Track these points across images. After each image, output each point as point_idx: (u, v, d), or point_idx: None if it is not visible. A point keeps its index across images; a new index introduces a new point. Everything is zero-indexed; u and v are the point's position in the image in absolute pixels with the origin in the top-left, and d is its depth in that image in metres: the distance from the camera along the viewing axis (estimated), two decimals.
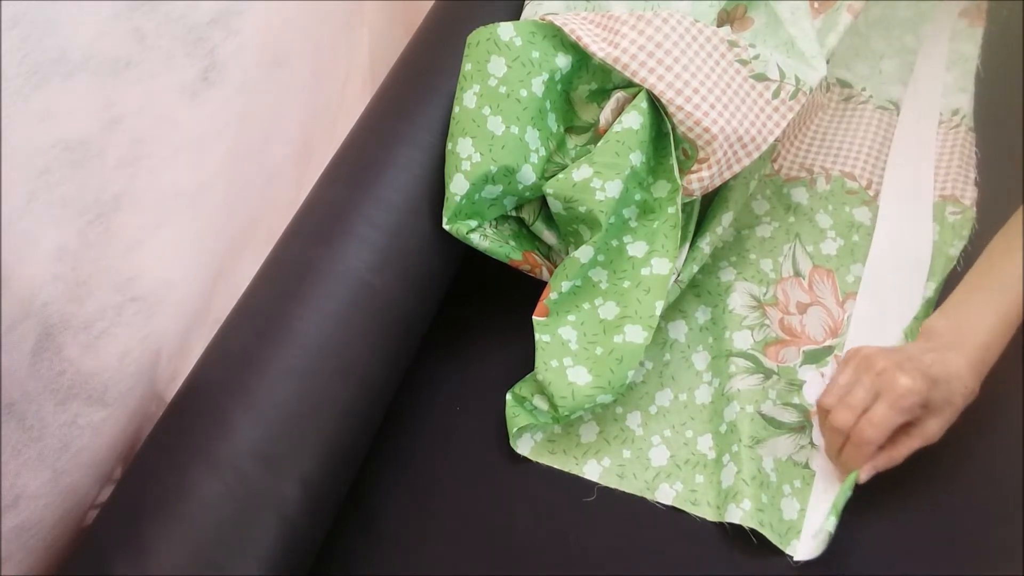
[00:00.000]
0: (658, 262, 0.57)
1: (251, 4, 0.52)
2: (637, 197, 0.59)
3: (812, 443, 0.55)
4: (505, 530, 0.54)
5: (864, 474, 0.49)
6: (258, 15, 0.54)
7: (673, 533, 0.53)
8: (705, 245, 0.62)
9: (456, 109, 0.57)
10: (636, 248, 0.58)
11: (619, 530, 0.54)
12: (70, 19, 0.39)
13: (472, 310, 0.66)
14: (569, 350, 0.56)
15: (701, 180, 0.57)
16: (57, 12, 0.38)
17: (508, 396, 0.58)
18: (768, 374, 0.58)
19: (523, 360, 0.58)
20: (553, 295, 0.57)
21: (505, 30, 0.57)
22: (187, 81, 0.48)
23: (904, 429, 0.49)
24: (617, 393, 0.55)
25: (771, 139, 0.58)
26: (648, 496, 0.54)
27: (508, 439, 0.57)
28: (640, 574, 0.52)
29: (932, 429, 0.49)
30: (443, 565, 0.53)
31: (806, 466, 0.54)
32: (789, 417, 0.56)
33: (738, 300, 0.62)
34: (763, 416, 0.56)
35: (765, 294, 0.63)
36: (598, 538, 0.54)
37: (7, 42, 0.36)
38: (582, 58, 0.59)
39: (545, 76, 0.57)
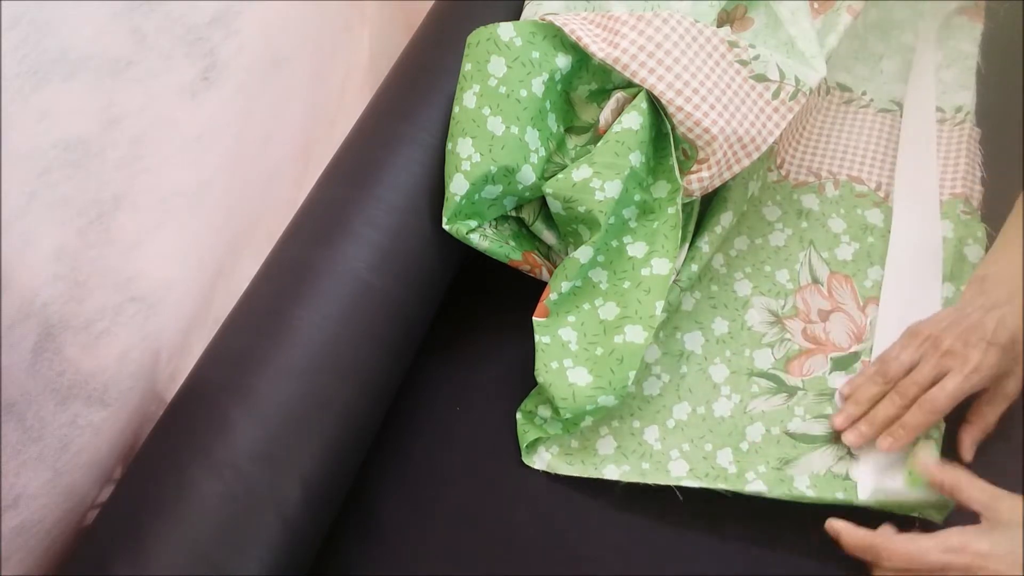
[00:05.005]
0: (658, 262, 0.57)
1: (251, 4, 0.52)
2: (637, 197, 0.59)
3: (851, 453, 0.53)
4: (505, 530, 0.54)
5: (967, 453, 0.51)
6: (258, 15, 0.54)
7: (678, 538, 0.53)
8: (704, 244, 0.62)
9: (456, 109, 0.57)
10: (636, 248, 0.58)
11: (618, 530, 0.54)
12: (70, 19, 0.39)
13: (472, 310, 0.66)
14: (569, 351, 0.56)
15: (701, 180, 0.57)
16: (57, 12, 0.38)
17: (517, 414, 0.58)
18: (792, 392, 0.57)
19: (523, 360, 0.58)
20: (553, 296, 0.57)
21: (505, 30, 0.57)
22: (187, 81, 0.48)
23: (981, 396, 0.51)
24: (619, 394, 0.54)
25: (771, 140, 0.58)
26: (666, 481, 0.53)
27: (508, 439, 0.57)
28: (641, 574, 0.52)
29: (1011, 388, 0.51)
30: (443, 565, 0.53)
31: (847, 477, 0.52)
32: (822, 429, 0.55)
33: (756, 316, 0.61)
34: (791, 435, 0.55)
35: (784, 307, 0.62)
36: (598, 538, 0.54)
37: (7, 42, 0.36)
38: (582, 58, 0.59)
39: (545, 76, 0.57)
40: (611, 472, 0.55)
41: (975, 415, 0.52)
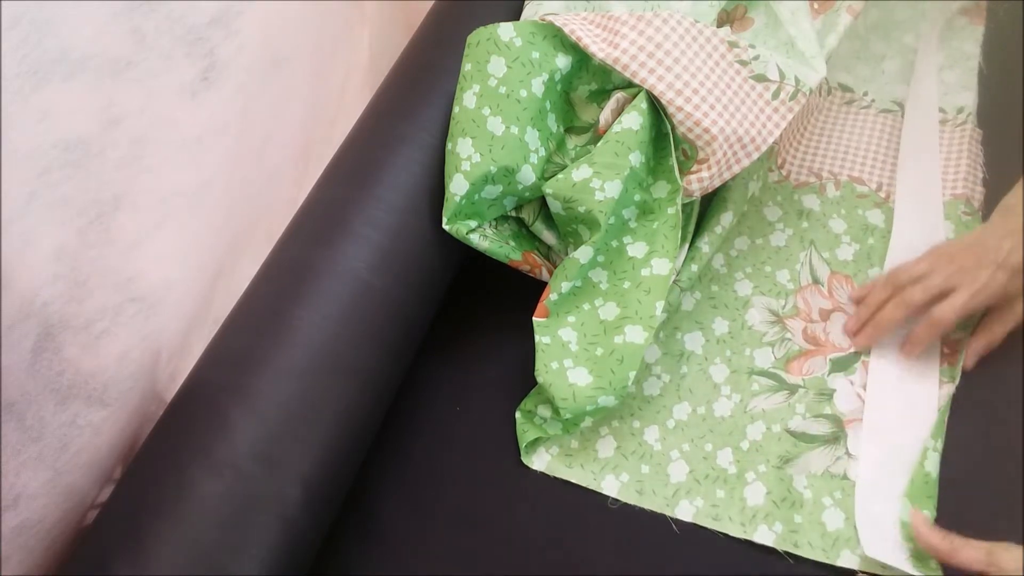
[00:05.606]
0: (658, 263, 0.57)
1: (251, 4, 0.52)
2: (637, 198, 0.59)
3: (848, 453, 0.53)
4: (505, 531, 0.54)
5: (969, 361, 0.54)
6: (258, 15, 0.54)
7: (678, 538, 0.53)
8: (704, 245, 0.62)
9: (456, 109, 0.57)
10: (636, 249, 0.58)
11: (618, 530, 0.54)
12: (70, 19, 0.39)
13: (472, 310, 0.66)
14: (569, 351, 0.56)
15: (701, 181, 0.57)
16: (57, 12, 0.38)
17: (517, 414, 0.58)
18: (793, 389, 0.57)
19: (523, 360, 0.58)
20: (553, 296, 0.57)
21: (505, 30, 0.57)
22: (187, 81, 0.48)
23: (991, 312, 0.54)
24: (619, 395, 0.54)
25: (771, 140, 0.58)
26: (668, 513, 0.53)
27: (508, 439, 0.57)
28: (641, 574, 0.52)
29: (1020, 310, 0.53)
30: (443, 565, 0.53)
31: (844, 477, 0.52)
32: (821, 429, 0.55)
33: (756, 316, 0.62)
34: (792, 433, 0.55)
35: (784, 307, 0.62)
36: (598, 538, 0.54)
37: (7, 42, 0.36)
38: (582, 58, 0.59)
39: (545, 76, 0.57)
40: (609, 485, 0.55)
41: (983, 328, 0.54)
